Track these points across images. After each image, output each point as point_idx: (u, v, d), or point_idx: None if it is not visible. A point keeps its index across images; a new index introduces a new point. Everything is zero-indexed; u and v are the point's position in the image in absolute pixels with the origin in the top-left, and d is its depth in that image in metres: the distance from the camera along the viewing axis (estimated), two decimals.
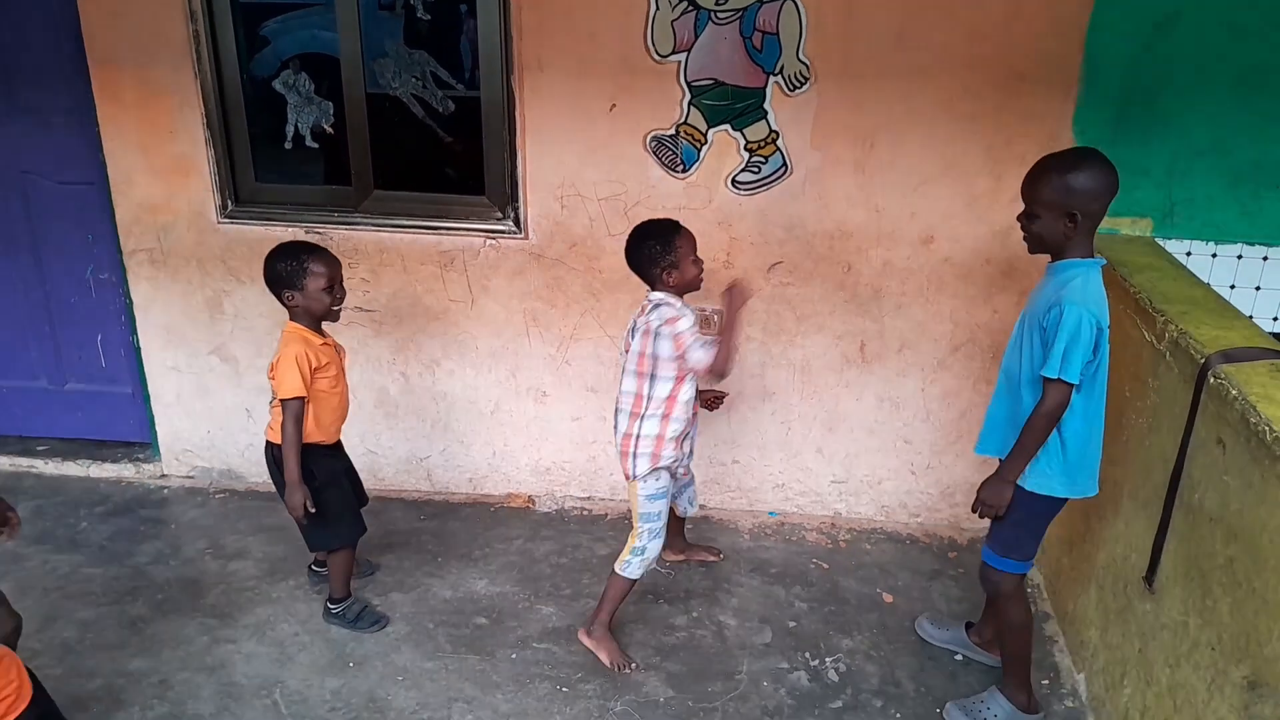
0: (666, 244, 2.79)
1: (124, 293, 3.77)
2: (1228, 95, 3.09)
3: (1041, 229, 2.40)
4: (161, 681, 2.91)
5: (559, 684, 2.92)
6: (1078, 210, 2.33)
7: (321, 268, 2.83)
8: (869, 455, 3.73)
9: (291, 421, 2.83)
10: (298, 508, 2.86)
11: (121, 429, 4.11)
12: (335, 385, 2.94)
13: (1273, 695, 1.86)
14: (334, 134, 3.62)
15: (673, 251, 2.79)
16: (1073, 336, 2.31)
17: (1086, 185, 2.33)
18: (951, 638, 3.12)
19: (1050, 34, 3.08)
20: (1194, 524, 2.26)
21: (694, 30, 3.18)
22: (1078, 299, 2.32)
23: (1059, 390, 2.36)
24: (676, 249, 2.80)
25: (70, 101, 3.55)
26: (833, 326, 3.53)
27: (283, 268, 2.82)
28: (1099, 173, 2.34)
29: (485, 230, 3.52)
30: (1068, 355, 2.31)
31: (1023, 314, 2.55)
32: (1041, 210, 2.38)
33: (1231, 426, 2.09)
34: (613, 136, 3.34)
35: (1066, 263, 2.41)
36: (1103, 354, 2.39)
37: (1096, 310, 2.34)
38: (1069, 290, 2.35)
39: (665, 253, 2.79)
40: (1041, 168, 2.40)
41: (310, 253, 2.85)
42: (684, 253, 2.81)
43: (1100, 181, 2.34)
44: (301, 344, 2.84)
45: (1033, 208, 2.40)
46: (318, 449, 2.95)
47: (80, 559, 3.49)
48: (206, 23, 3.35)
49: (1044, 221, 2.38)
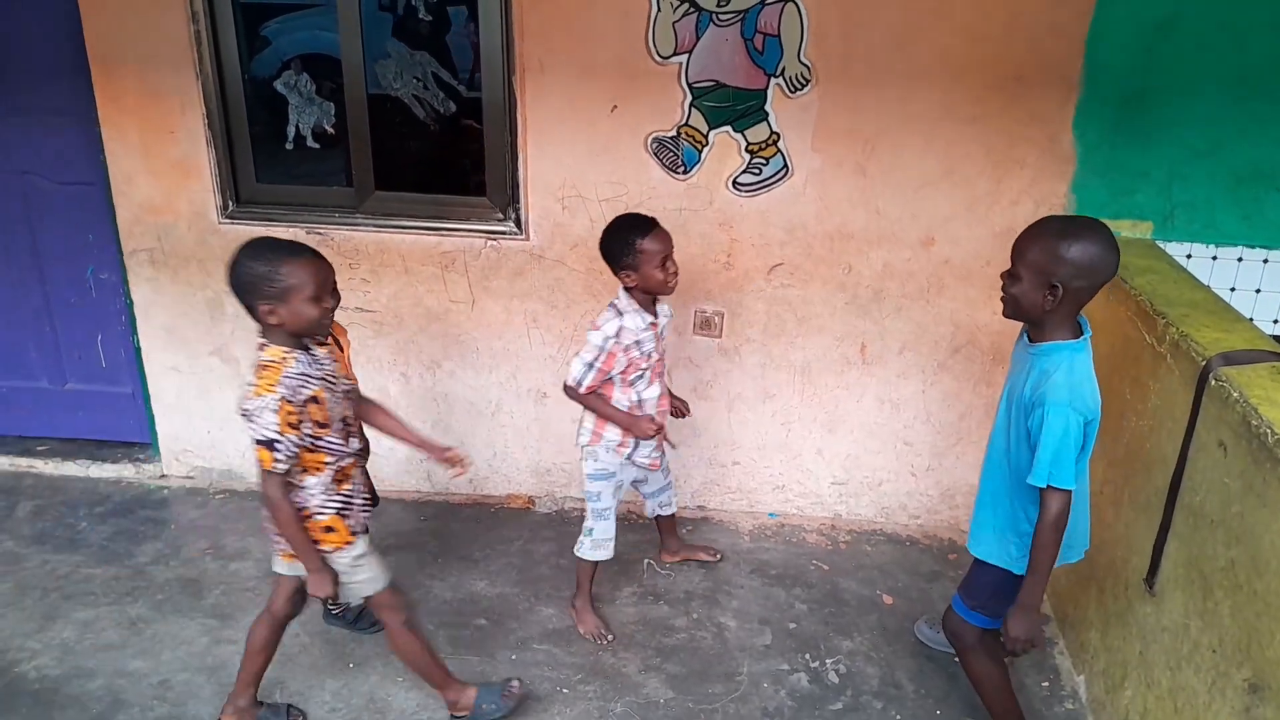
0: (627, 244, 2.76)
1: (124, 293, 3.77)
2: (1228, 98, 3.09)
3: (1020, 294, 2.21)
4: (162, 682, 2.91)
5: (559, 685, 2.92)
6: (1061, 283, 2.14)
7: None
8: (869, 457, 3.73)
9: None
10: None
11: (122, 429, 4.11)
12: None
13: (1274, 698, 1.86)
14: (335, 134, 3.63)
15: (632, 254, 2.76)
16: (1060, 441, 2.15)
17: (1078, 258, 2.13)
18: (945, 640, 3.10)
19: (1050, 37, 3.08)
20: (1195, 526, 2.26)
21: (695, 32, 3.18)
22: (1063, 398, 2.15)
23: (1058, 498, 2.20)
24: (638, 251, 2.75)
25: (71, 102, 3.55)
26: (833, 328, 3.53)
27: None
28: (1097, 248, 2.14)
29: (486, 231, 3.52)
30: (1058, 460, 2.16)
31: (1006, 391, 2.39)
32: (1024, 272, 2.19)
33: (1232, 429, 2.09)
34: (614, 138, 3.34)
35: (1048, 347, 2.23)
36: (1090, 439, 2.24)
37: (1083, 405, 2.17)
38: (1050, 387, 2.17)
39: (624, 254, 2.77)
40: (1038, 227, 2.24)
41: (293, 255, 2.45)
42: (646, 256, 2.75)
43: (1096, 258, 2.14)
44: None
45: (1017, 267, 2.22)
46: None
47: (80, 559, 3.49)
48: (208, 23, 3.35)
49: (1024, 286, 2.20)
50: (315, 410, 2.35)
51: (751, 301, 3.51)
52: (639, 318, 2.84)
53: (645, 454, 3.07)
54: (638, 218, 2.83)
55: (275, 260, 2.26)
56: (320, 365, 2.38)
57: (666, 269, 2.79)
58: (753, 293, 3.50)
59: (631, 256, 2.76)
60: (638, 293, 2.85)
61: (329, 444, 2.41)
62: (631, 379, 2.90)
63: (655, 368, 2.95)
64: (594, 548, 3.08)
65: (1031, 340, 2.29)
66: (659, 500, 3.32)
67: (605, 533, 3.08)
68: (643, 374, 2.91)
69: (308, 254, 2.32)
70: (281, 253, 2.30)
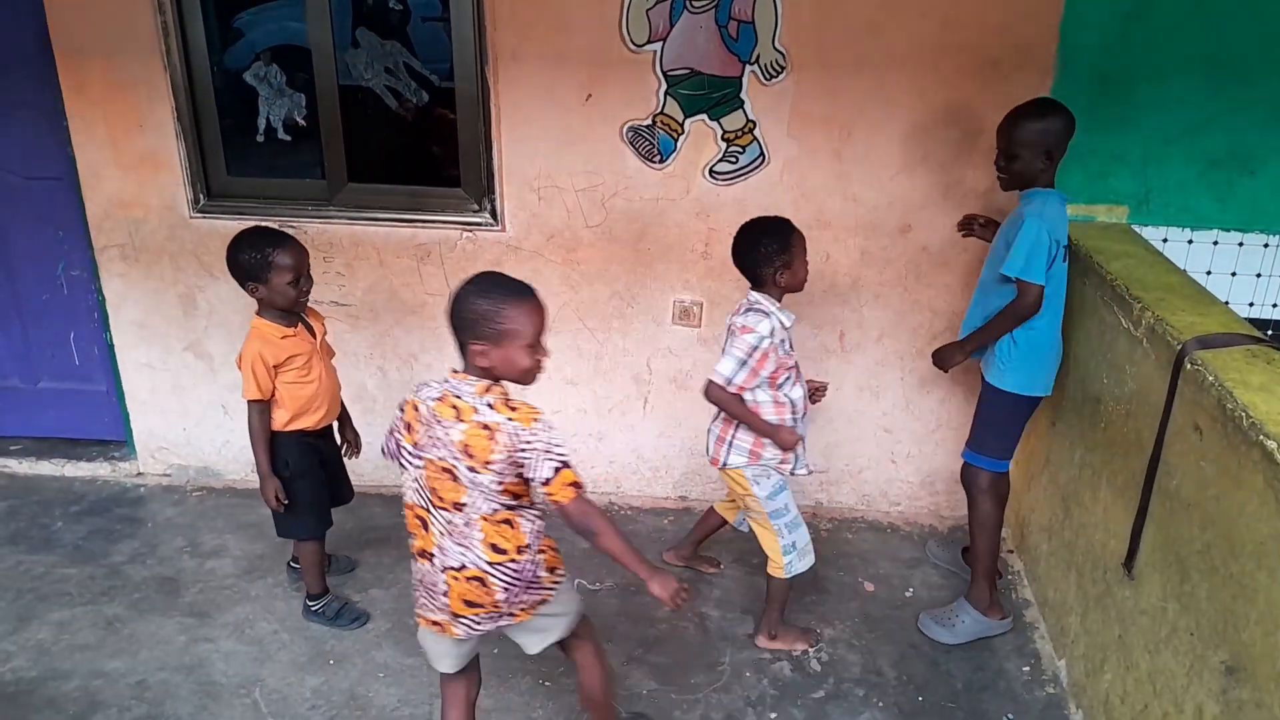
0: (784, 243, 2.73)
1: (96, 289, 3.72)
2: (1202, 81, 3.09)
3: (1022, 167, 2.80)
4: (139, 682, 2.88)
5: (541, 679, 2.91)
6: (1053, 148, 2.77)
7: (287, 260, 2.76)
8: (849, 444, 3.73)
9: (255, 418, 2.87)
10: (269, 500, 2.90)
11: (96, 427, 4.06)
12: (306, 374, 2.90)
13: (1250, 680, 1.87)
14: (307, 126, 3.58)
15: (789, 251, 2.73)
16: (1034, 243, 2.70)
17: (1059, 126, 2.77)
18: (950, 558, 3.48)
19: (1024, 21, 3.08)
20: (1172, 510, 2.27)
21: (669, 19, 3.16)
22: (1036, 213, 2.73)
23: (1029, 290, 2.73)
24: (792, 248, 2.74)
25: (36, 95, 3.49)
26: (811, 316, 3.52)
27: (246, 259, 2.76)
28: (1066, 116, 2.79)
29: (462, 223, 3.49)
30: (1030, 259, 2.70)
31: (996, 234, 2.97)
32: (1022, 150, 2.78)
33: (1208, 412, 2.10)
34: (589, 127, 3.32)
35: (1032, 192, 2.83)
36: (1059, 269, 2.80)
37: (1053, 224, 2.73)
38: (1031, 207, 2.77)
39: (781, 252, 2.73)
40: (1018, 115, 2.81)
41: (275, 244, 2.77)
42: (798, 252, 2.75)
43: (1068, 123, 2.79)
44: (259, 344, 2.81)
45: (1014, 149, 2.79)
46: (298, 437, 2.94)
47: (55, 559, 3.45)
48: (175, 14, 3.30)
49: (1024, 160, 2.79)
50: None
51: (730, 291, 3.49)
52: (784, 316, 2.78)
53: (803, 460, 2.96)
54: (779, 219, 2.80)
55: None
56: None
57: (807, 264, 2.80)
58: (731, 282, 3.48)
59: (789, 254, 2.73)
60: (778, 292, 2.79)
61: None
62: (780, 381, 2.82)
63: (797, 370, 2.88)
64: (801, 557, 2.95)
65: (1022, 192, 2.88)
66: None
67: (804, 539, 2.96)
68: (789, 375, 2.83)
69: None
70: None
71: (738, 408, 2.80)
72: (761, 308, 2.77)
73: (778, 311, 2.77)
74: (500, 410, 2.05)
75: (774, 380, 2.80)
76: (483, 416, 2.05)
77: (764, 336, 2.72)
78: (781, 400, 2.83)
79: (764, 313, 2.76)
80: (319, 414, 2.97)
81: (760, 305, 2.77)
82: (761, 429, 2.82)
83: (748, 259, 2.79)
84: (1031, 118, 2.78)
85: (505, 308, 2.05)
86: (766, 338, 2.73)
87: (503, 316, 2.05)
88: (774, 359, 2.76)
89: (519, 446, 2.04)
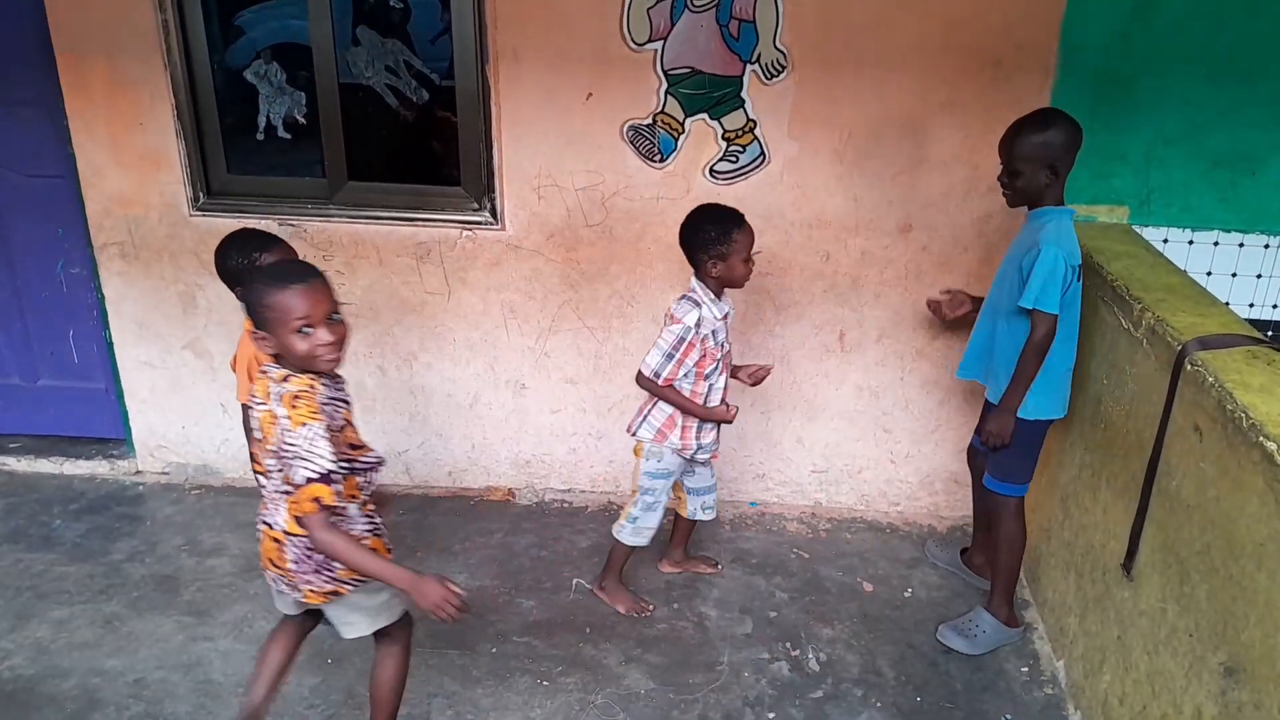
0: (723, 233, 2.76)
1: (95, 287, 3.72)
2: (1203, 81, 3.09)
3: (1025, 183, 2.71)
4: (138, 680, 2.88)
5: (539, 678, 2.91)
6: (1057, 162, 2.68)
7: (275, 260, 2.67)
8: (849, 444, 3.72)
9: (246, 422, 2.80)
10: None
11: (95, 425, 4.06)
12: None
13: (1249, 681, 1.87)
14: (307, 125, 3.58)
15: (727, 243, 2.77)
16: (1050, 273, 2.61)
17: (1061, 139, 2.67)
18: (949, 559, 3.47)
19: (1026, 21, 3.07)
20: (1171, 511, 2.26)
21: (670, 18, 3.15)
22: (1053, 240, 2.64)
23: (1044, 321, 2.66)
24: (732, 241, 2.77)
25: (37, 93, 3.49)
26: (811, 316, 3.52)
27: (234, 264, 2.69)
28: (1070, 128, 2.69)
29: (462, 221, 3.49)
30: (1045, 289, 2.62)
31: (1006, 258, 2.89)
32: (1024, 166, 2.69)
33: (1208, 413, 2.09)
34: (589, 126, 3.31)
35: (1041, 210, 2.75)
36: (1074, 290, 2.71)
37: (1069, 250, 2.65)
38: (1045, 233, 2.66)
39: (718, 241, 2.77)
40: (1020, 128, 2.71)
41: (262, 247, 2.69)
42: (737, 248, 2.78)
43: (1072, 135, 2.69)
44: (253, 348, 2.77)
45: (1015, 164, 2.71)
46: None
47: (54, 557, 3.44)
48: (176, 12, 3.30)
49: (1027, 176, 2.70)
50: (350, 433, 2.23)
51: (729, 290, 3.49)
52: (715, 308, 2.85)
53: (707, 448, 3.06)
54: (728, 209, 2.83)
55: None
56: (338, 386, 2.22)
57: (749, 262, 2.83)
58: None
59: (726, 246, 2.77)
60: (714, 283, 2.84)
61: (365, 463, 2.24)
62: (706, 371, 2.90)
63: (726, 359, 2.96)
64: (634, 534, 3.09)
65: (1030, 209, 2.81)
66: (703, 500, 3.23)
67: (649, 523, 3.09)
68: (716, 365, 2.91)
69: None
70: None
71: (670, 394, 2.91)
72: (693, 297, 2.83)
73: (710, 303, 2.83)
74: (284, 403, 2.06)
75: (700, 370, 2.89)
76: (271, 405, 2.09)
77: (690, 328, 2.79)
78: (699, 390, 2.93)
79: (695, 303, 2.82)
80: None
81: (693, 294, 2.84)
82: (697, 412, 2.94)
83: (687, 240, 2.84)
84: (1032, 130, 2.69)
85: (267, 294, 2.04)
86: (693, 329, 2.80)
87: (266, 303, 2.04)
88: (699, 350, 2.84)
89: (284, 443, 2.05)
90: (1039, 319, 2.66)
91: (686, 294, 2.87)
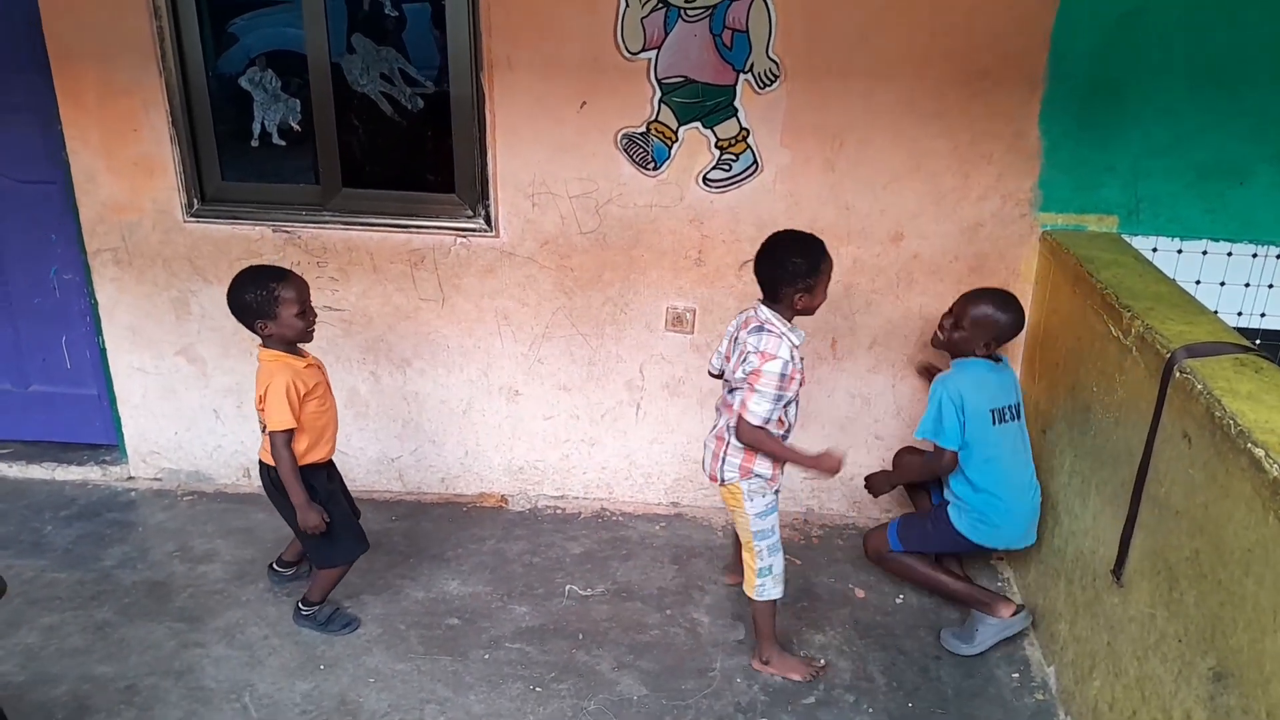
0: (814, 265, 2.62)
1: (88, 293, 3.72)
2: (1191, 92, 3.12)
3: (960, 340, 2.95)
4: (129, 687, 2.87)
5: (532, 684, 2.91)
6: (995, 340, 2.94)
7: (292, 293, 2.78)
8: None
9: (285, 450, 2.82)
10: (317, 526, 2.86)
11: (87, 431, 4.05)
12: (324, 404, 2.93)
13: (1238, 686, 1.88)
14: (301, 132, 3.59)
15: (816, 274, 2.63)
16: (939, 406, 2.88)
17: (1010, 325, 2.93)
18: None
19: (1014, 31, 3.10)
20: (1160, 517, 2.28)
21: (664, 28, 3.17)
22: (952, 380, 2.92)
23: (941, 453, 2.93)
24: (821, 273, 2.63)
25: (31, 99, 3.49)
26: (803, 323, 3.52)
27: (252, 298, 2.77)
28: (1020, 319, 2.96)
29: (456, 228, 3.50)
30: (939, 423, 2.89)
31: None
32: (971, 328, 2.93)
33: (1197, 421, 2.11)
34: (583, 134, 3.33)
35: (959, 361, 3.00)
36: (983, 431, 2.90)
37: (963, 391, 2.88)
38: (945, 374, 2.97)
39: (808, 273, 2.62)
40: (982, 298, 2.95)
41: (278, 279, 2.79)
42: (824, 278, 2.65)
43: (1018, 325, 2.97)
44: (289, 373, 2.80)
45: (962, 322, 2.94)
46: (314, 469, 2.94)
47: (45, 563, 3.44)
48: (170, 19, 3.31)
49: (967, 336, 2.93)
50: None
51: (723, 298, 3.51)
52: (795, 335, 2.67)
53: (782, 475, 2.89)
54: (812, 237, 2.69)
55: None
56: None
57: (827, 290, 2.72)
58: (724, 289, 3.50)
59: (815, 278, 2.63)
60: (792, 313, 2.69)
61: None
62: (788, 400, 2.71)
63: None
64: (775, 584, 2.88)
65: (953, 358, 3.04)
66: None
67: (780, 565, 2.89)
68: (797, 395, 2.76)
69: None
70: None
71: (774, 446, 2.71)
72: (774, 329, 2.66)
73: (789, 332, 2.67)
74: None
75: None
76: None
77: (786, 361, 2.62)
78: (784, 419, 2.76)
79: (778, 335, 2.65)
80: (329, 445, 2.98)
81: (772, 326, 2.66)
82: (803, 461, 2.76)
83: (771, 271, 2.67)
84: (993, 307, 2.91)
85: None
86: (789, 361, 2.62)
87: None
88: (798, 381, 2.67)
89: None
90: (938, 450, 2.94)
91: (763, 326, 2.66)
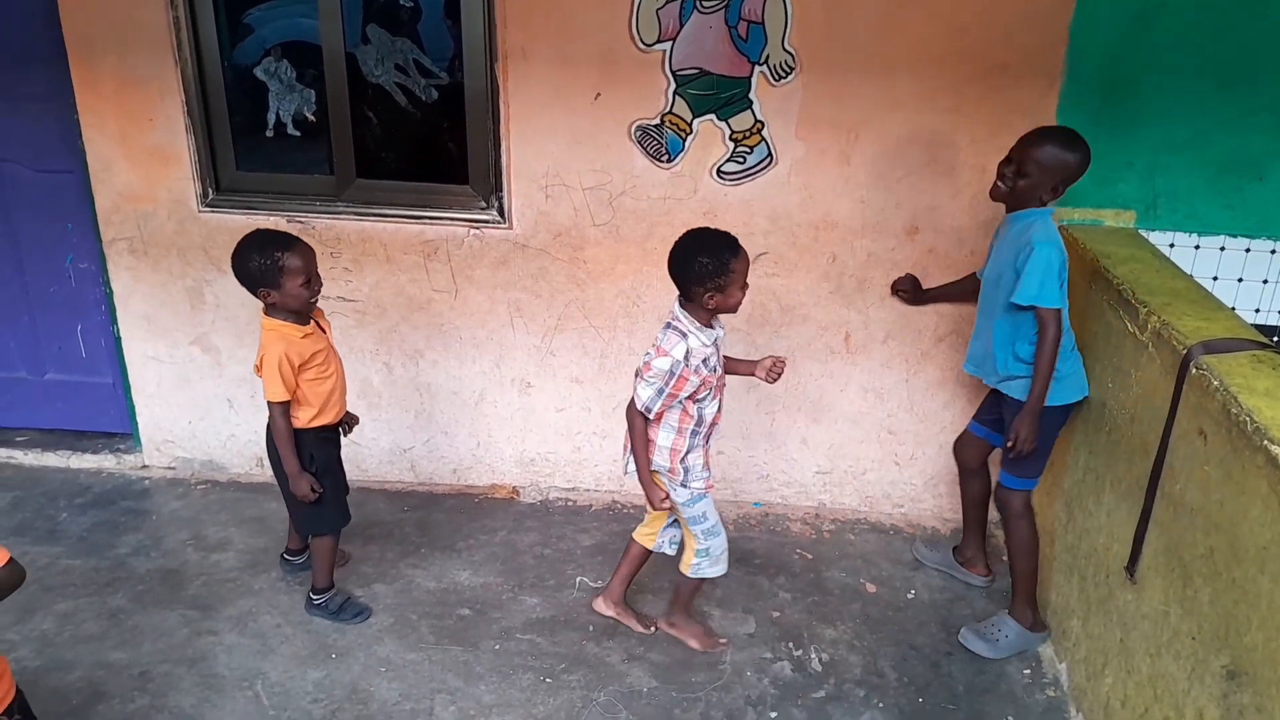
0: (721, 265, 2.57)
1: (104, 282, 3.74)
2: (1209, 87, 3.09)
3: (1027, 186, 2.73)
4: (142, 673, 2.89)
5: (542, 675, 2.92)
6: (1063, 184, 2.73)
7: (298, 262, 2.74)
8: (853, 446, 3.73)
9: (280, 418, 2.85)
10: (305, 496, 2.91)
11: (102, 420, 4.08)
12: (326, 369, 2.91)
13: (1251, 684, 1.87)
14: (316, 122, 3.59)
15: (725, 275, 2.57)
16: (1046, 269, 2.67)
17: (1077, 166, 2.71)
18: (941, 559, 3.47)
19: (1033, 25, 3.08)
20: (1175, 514, 2.27)
21: (679, 19, 3.16)
22: (1043, 239, 2.70)
23: (1050, 316, 2.70)
24: (730, 273, 2.58)
25: (48, 88, 3.51)
26: (817, 317, 3.53)
27: (256, 266, 2.73)
28: (1086, 160, 2.72)
29: (469, 220, 3.50)
30: (1045, 284, 2.68)
31: (994, 259, 2.92)
32: (1035, 172, 2.70)
33: (1212, 417, 2.10)
34: (597, 126, 3.32)
35: (1024, 213, 2.80)
36: (1064, 279, 2.76)
37: (1059, 246, 2.72)
38: (1035, 233, 2.71)
39: (716, 274, 2.57)
40: (1046, 137, 2.73)
41: (284, 247, 2.74)
42: (736, 277, 2.60)
43: (1085, 164, 2.73)
44: (282, 344, 2.80)
45: (1028, 167, 2.71)
46: (319, 433, 2.96)
47: (60, 550, 3.46)
48: (186, 9, 3.31)
49: (1033, 181, 2.72)
50: None
51: None
52: (703, 336, 2.65)
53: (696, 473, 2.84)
54: (722, 234, 2.64)
55: None
56: None
57: (745, 288, 2.67)
58: None
59: (724, 277, 2.57)
60: (705, 314, 2.66)
61: None
62: (700, 396, 2.72)
63: (720, 382, 2.79)
64: (712, 564, 2.92)
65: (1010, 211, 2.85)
66: (670, 535, 3.07)
67: (719, 547, 2.91)
68: (710, 392, 2.74)
69: None
70: None
71: (635, 437, 2.76)
72: (679, 326, 2.65)
73: (696, 332, 2.64)
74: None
75: (693, 397, 2.71)
76: None
77: (678, 361, 2.61)
78: (690, 413, 2.74)
79: (681, 333, 2.64)
80: (336, 408, 2.99)
81: (679, 324, 2.65)
82: (643, 467, 2.79)
83: (679, 271, 2.64)
84: (1058, 145, 2.70)
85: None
86: (680, 362, 2.61)
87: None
88: (694, 381, 2.65)
89: None
90: (1045, 315, 2.69)
91: (671, 323, 2.67)
